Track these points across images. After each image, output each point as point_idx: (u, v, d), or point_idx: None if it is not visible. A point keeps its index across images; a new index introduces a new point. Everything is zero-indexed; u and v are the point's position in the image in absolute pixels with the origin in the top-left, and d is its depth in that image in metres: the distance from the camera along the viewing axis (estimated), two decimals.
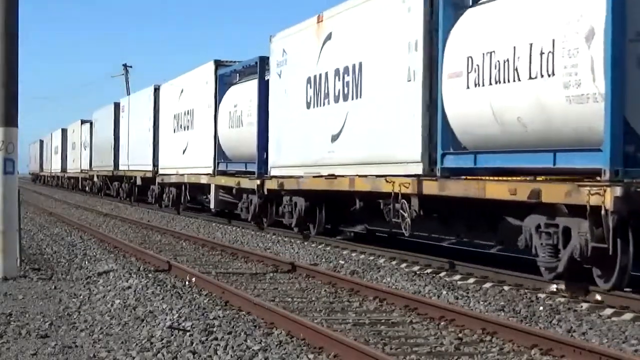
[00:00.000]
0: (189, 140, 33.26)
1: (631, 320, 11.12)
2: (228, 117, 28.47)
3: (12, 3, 15.00)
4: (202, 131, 31.23)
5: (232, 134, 28.23)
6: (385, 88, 17.77)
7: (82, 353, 9.11)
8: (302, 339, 9.64)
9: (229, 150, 29.15)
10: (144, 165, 40.84)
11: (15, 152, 15.08)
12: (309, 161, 21.54)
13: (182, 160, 34.20)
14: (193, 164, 32.26)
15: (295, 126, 22.54)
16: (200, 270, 16.09)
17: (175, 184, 35.44)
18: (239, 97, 27.90)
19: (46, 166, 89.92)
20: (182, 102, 34.36)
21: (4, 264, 14.97)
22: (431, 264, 16.92)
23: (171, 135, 36.17)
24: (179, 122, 34.88)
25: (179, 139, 34.82)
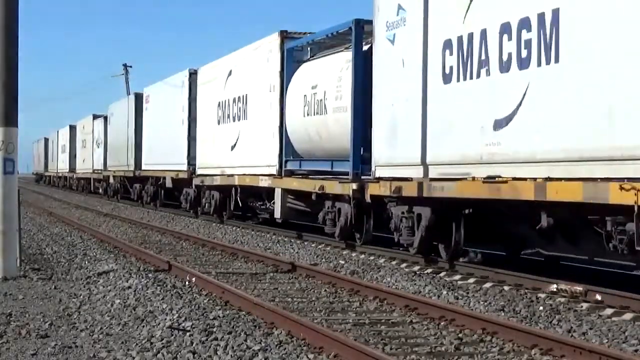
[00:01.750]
0: (240, 133, 27.28)
1: (631, 320, 11.13)
2: (302, 103, 22.26)
3: (12, 3, 14.99)
4: (260, 121, 25.46)
5: (308, 124, 22.03)
6: None
7: (82, 353, 9.11)
8: (302, 339, 9.64)
9: (304, 144, 22.84)
10: (176, 164, 34.89)
11: (15, 152, 15.08)
12: (451, 157, 15.23)
13: (230, 158, 28.22)
14: (247, 162, 26.56)
15: (421, 109, 16.19)
16: (200, 270, 16.09)
17: (220, 187, 29.29)
18: (319, 75, 21.71)
19: (51, 166, 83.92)
20: (231, 87, 28.28)
21: (4, 264, 14.98)
22: (431, 263, 16.91)
23: (214, 127, 30.07)
24: (225, 112, 28.80)
25: (225, 131, 28.72)
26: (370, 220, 19.34)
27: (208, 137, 30.93)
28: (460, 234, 15.92)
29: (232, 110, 28.09)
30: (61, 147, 74.42)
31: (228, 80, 28.66)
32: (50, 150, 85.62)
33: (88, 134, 59.75)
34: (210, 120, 30.58)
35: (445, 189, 15.23)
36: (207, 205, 30.70)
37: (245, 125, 26.90)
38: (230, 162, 28.19)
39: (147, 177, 41.08)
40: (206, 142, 31.28)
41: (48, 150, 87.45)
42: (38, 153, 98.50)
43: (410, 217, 16.80)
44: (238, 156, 27.52)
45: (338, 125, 20.35)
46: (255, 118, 26.00)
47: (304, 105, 22.19)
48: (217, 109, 29.75)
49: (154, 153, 39.18)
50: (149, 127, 40.84)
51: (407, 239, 16.91)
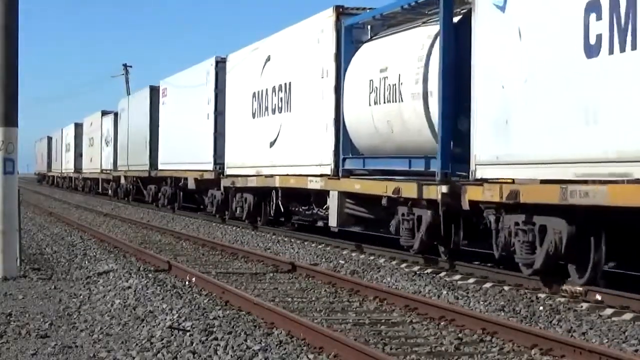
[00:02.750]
0: (282, 127, 23.51)
1: (631, 320, 11.12)
2: (367, 89, 18.47)
3: (12, 2, 14.99)
4: (308, 113, 21.74)
5: (376, 115, 18.12)
6: None
7: (82, 353, 9.11)
8: (302, 339, 9.64)
9: (368, 139, 18.95)
10: (200, 163, 31.07)
11: (15, 152, 15.08)
12: (599, 153, 11.53)
13: (268, 156, 24.40)
14: (291, 160, 22.91)
15: (551, 92, 12.47)
16: (200, 270, 16.09)
17: (255, 189, 25.68)
18: (391, 56, 17.84)
19: (55, 166, 79.75)
20: (270, 75, 24.49)
21: (4, 264, 14.97)
22: (431, 263, 16.91)
23: (247, 121, 26.29)
24: (262, 103, 24.99)
25: (262, 126, 24.94)
26: (460, 231, 15.87)
27: (240, 132, 27.15)
28: (600, 253, 12.38)
29: (272, 101, 24.27)
30: (66, 145, 70.88)
31: (266, 67, 24.86)
32: (53, 150, 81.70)
33: (96, 132, 56.33)
34: (242, 113, 26.75)
35: (591, 194, 11.45)
36: (239, 209, 27.06)
37: (288, 118, 23.15)
38: (269, 161, 24.37)
39: (164, 178, 37.52)
40: (237, 138, 27.46)
41: (51, 150, 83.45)
42: (40, 152, 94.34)
43: (529, 231, 13.18)
44: (279, 154, 23.76)
45: (416, 115, 16.51)
46: (301, 109, 22.33)
47: (369, 93, 18.28)
48: (251, 101, 25.93)
49: (173, 151, 35.50)
50: (166, 123, 37.06)
51: (526, 257, 13.29)
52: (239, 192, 27.13)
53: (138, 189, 43.60)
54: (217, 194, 29.51)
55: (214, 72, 30.01)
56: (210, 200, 30.69)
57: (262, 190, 25.26)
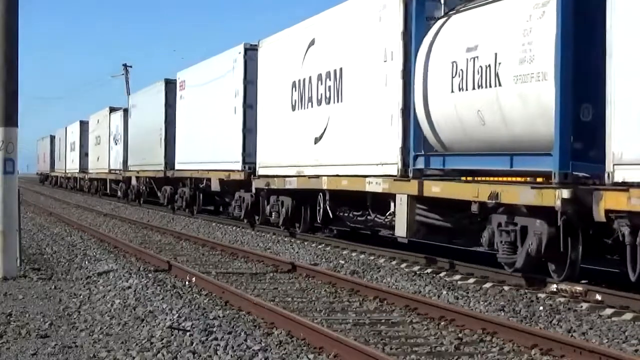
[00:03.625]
0: (330, 120, 20.51)
1: (631, 320, 11.13)
2: (449, 73, 15.23)
3: (12, 2, 14.99)
4: (366, 103, 18.60)
5: (461, 103, 14.92)
6: None
7: (82, 353, 9.11)
8: (302, 339, 9.64)
9: (448, 133, 15.66)
10: (225, 162, 28.10)
11: (15, 152, 15.08)
12: None
13: (313, 154, 21.49)
14: (342, 158, 19.81)
15: None
16: (200, 270, 16.09)
17: (295, 192, 22.69)
18: (483, 31, 14.68)
19: (59, 165, 76.32)
20: (314, 60, 21.47)
21: (4, 264, 14.97)
22: (431, 264, 16.91)
23: (286, 115, 23.27)
24: (305, 93, 21.99)
25: (305, 119, 21.95)
26: (579, 246, 12.92)
27: (275, 128, 24.13)
28: None
29: (317, 91, 21.21)
30: (70, 144, 67.58)
31: (309, 52, 21.77)
32: (57, 149, 78.34)
33: (103, 130, 52.88)
34: (278, 106, 23.78)
35: None
36: (274, 214, 24.05)
37: (338, 109, 20.02)
38: (314, 160, 21.31)
39: (181, 179, 34.54)
40: (272, 134, 24.42)
41: (54, 149, 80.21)
42: (43, 152, 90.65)
43: None
44: (327, 151, 20.69)
45: (523, 102, 13.46)
46: (356, 99, 19.13)
47: (452, 77, 15.05)
48: (290, 91, 22.86)
49: (193, 150, 32.34)
50: (185, 118, 33.86)
51: None
52: (273, 195, 24.16)
53: (151, 190, 40.67)
54: (246, 196, 26.56)
55: (243, 61, 26.92)
56: (237, 203, 27.51)
57: (303, 192, 22.16)
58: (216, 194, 30.89)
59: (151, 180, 40.19)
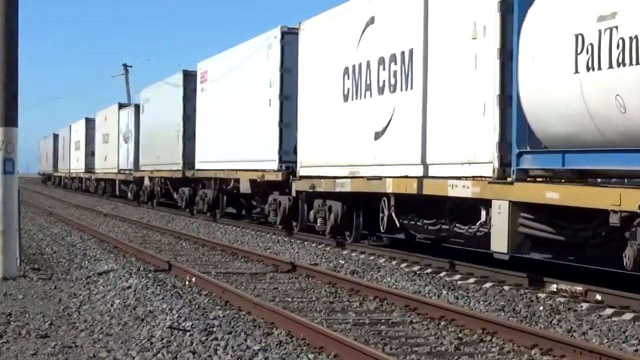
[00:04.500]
0: (396, 111, 17.26)
1: (631, 320, 11.13)
2: (571, 49, 11.97)
3: (12, 2, 14.99)
4: (448, 89, 15.45)
5: (590, 86, 11.73)
6: None
7: (82, 353, 9.11)
8: (302, 339, 9.64)
9: (569, 124, 12.26)
10: (258, 161, 25.14)
11: (15, 152, 15.08)
12: None
13: (372, 151, 18.21)
14: (413, 157, 16.49)
15: None
16: (200, 270, 16.09)
17: (348, 195, 19.76)
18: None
19: (62, 165, 73.09)
20: (374, 42, 18.20)
21: (4, 264, 14.97)
22: (431, 263, 16.91)
23: (336, 106, 19.97)
24: (361, 81, 18.75)
25: (362, 111, 18.74)
26: None
27: (322, 121, 20.92)
28: None
29: (378, 77, 17.93)
30: (75, 143, 64.66)
31: (367, 32, 18.57)
32: (60, 148, 75.01)
33: (112, 127, 49.99)
34: (326, 96, 20.56)
35: None
36: (320, 221, 21.11)
37: (407, 98, 16.80)
38: (374, 158, 18.13)
39: (203, 180, 31.74)
40: (318, 129, 21.21)
41: (58, 148, 77.21)
42: (46, 151, 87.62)
43: None
44: (392, 148, 17.51)
45: None
46: (433, 85, 16.05)
47: (577, 53, 11.89)
48: (342, 79, 19.63)
49: (217, 147, 29.17)
50: (207, 113, 30.63)
51: None
52: (318, 199, 21.25)
53: (167, 192, 37.64)
54: (283, 199, 23.63)
55: (279, 47, 23.89)
56: (272, 207, 24.37)
57: (356, 196, 19.48)
58: (241, 196, 28.54)
59: (166, 180, 37.30)
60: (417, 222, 17.24)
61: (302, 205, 22.52)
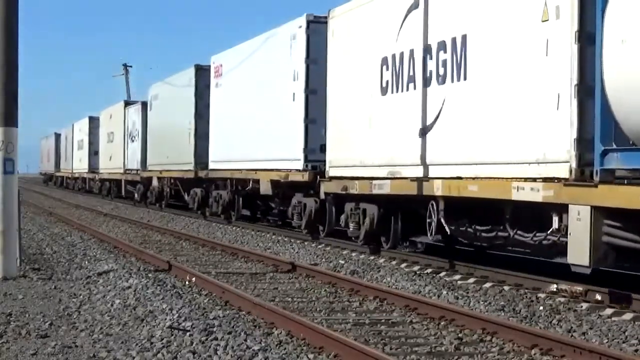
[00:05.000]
0: (446, 104, 15.42)
1: (631, 320, 11.13)
2: None
3: (12, 2, 14.99)
4: (510, 79, 13.68)
5: None
6: None
7: (82, 353, 9.11)
8: (302, 339, 9.64)
9: None
10: (280, 160, 23.57)
11: (15, 152, 15.08)
12: None
13: (417, 149, 16.28)
14: (468, 155, 14.75)
15: None
16: (200, 270, 16.09)
17: (385, 198, 17.90)
18: None
19: (65, 165, 71.42)
20: (418, 28, 16.39)
21: (4, 264, 14.97)
22: (431, 264, 16.92)
23: (373, 100, 18.07)
24: (403, 72, 16.93)
25: (404, 104, 16.84)
26: None
27: (355, 117, 18.97)
28: None
29: (424, 67, 16.14)
30: (78, 142, 62.82)
31: (409, 19, 16.77)
32: (62, 147, 73.33)
33: (117, 126, 48.15)
34: (361, 89, 18.67)
35: None
36: (353, 226, 19.17)
37: (460, 90, 14.99)
38: (419, 157, 16.25)
39: (217, 180, 30.03)
40: (350, 125, 19.24)
41: (60, 147, 75.43)
42: (47, 151, 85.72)
43: None
44: (441, 145, 15.65)
45: None
46: (492, 75, 14.19)
47: None
48: (379, 70, 17.74)
49: (234, 146, 27.46)
50: (222, 109, 28.93)
51: None
52: (349, 201, 19.50)
53: (178, 193, 35.99)
54: (309, 202, 21.91)
55: (304, 37, 22.20)
56: (296, 210, 22.65)
57: (396, 199, 17.58)
58: (258, 198, 26.76)
59: (176, 181, 35.59)
60: (468, 229, 15.45)
61: (329, 208, 20.77)
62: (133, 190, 44.14)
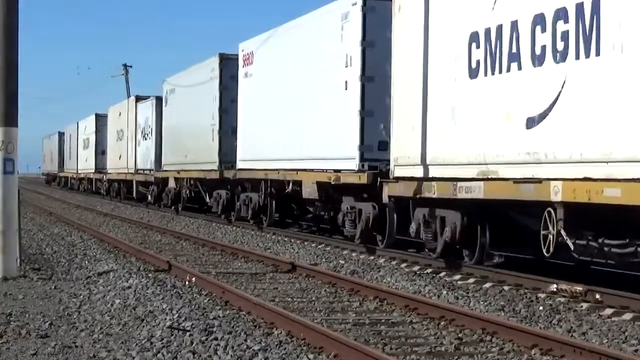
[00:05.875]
0: (567, 87, 12.26)
1: (631, 320, 11.13)
2: None
3: (12, 2, 14.99)
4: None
5: None
6: None
7: (82, 353, 9.11)
8: (302, 339, 9.64)
9: None
10: (328, 158, 20.65)
11: (15, 152, 15.09)
12: None
13: (524, 143, 13.11)
14: (602, 151, 11.56)
15: None
16: (200, 270, 16.09)
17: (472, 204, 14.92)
18: None
19: (69, 165, 68.46)
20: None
21: (4, 264, 14.97)
22: (431, 264, 16.91)
23: (456, 85, 14.94)
24: (500, 50, 13.73)
25: (504, 89, 13.64)
26: None
27: (432, 106, 15.80)
28: None
29: (532, 42, 12.91)
30: (83, 141, 60.25)
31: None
32: (66, 147, 70.32)
33: (128, 123, 45.31)
34: (439, 73, 15.58)
35: None
36: (428, 237, 16.28)
37: (588, 68, 11.83)
38: (527, 153, 13.00)
39: (246, 181, 26.81)
40: (425, 116, 16.04)
41: (64, 147, 72.47)
42: (50, 150, 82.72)
43: None
44: (560, 139, 12.36)
45: None
46: (634, 48, 11.06)
47: None
48: (467, 49, 14.62)
49: (268, 143, 24.55)
50: (254, 102, 26.10)
51: None
52: (421, 207, 16.53)
53: (197, 195, 32.93)
54: (365, 207, 19.04)
55: (360, 15, 19.11)
56: (349, 217, 19.71)
57: (487, 205, 14.68)
58: (294, 201, 24.02)
59: (197, 182, 32.54)
60: (591, 242, 12.44)
61: (391, 214, 18.03)
62: (145, 191, 41.36)
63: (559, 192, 12.19)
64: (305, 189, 21.74)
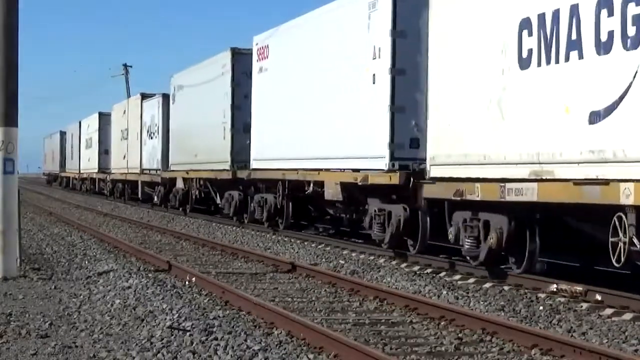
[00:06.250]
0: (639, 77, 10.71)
1: (631, 320, 11.13)
2: None
3: (12, 2, 15.00)
4: None
5: None
6: None
7: (82, 353, 9.11)
8: (302, 339, 9.64)
9: None
10: (356, 157, 19.17)
11: (15, 152, 15.09)
12: None
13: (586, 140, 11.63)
14: None
15: None
16: (200, 270, 16.10)
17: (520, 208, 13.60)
18: None
19: (71, 165, 67.07)
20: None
21: (4, 264, 14.97)
22: (431, 263, 16.92)
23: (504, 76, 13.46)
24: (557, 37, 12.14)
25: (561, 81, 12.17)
26: None
27: (475, 100, 14.34)
28: None
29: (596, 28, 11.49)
30: (85, 141, 59.07)
31: None
32: (68, 146, 68.93)
33: (132, 121, 44.14)
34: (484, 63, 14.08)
35: None
36: (469, 243, 14.82)
37: None
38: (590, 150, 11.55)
39: (261, 181, 25.71)
40: (466, 111, 14.64)
41: (65, 146, 71.26)
42: (51, 150, 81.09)
43: None
44: (629, 134, 10.96)
45: None
46: None
47: None
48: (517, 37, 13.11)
49: (285, 141, 23.30)
50: (269, 98, 24.75)
51: None
52: (462, 210, 15.13)
53: (207, 195, 31.81)
54: (395, 210, 17.69)
55: (390, 4, 17.68)
56: (377, 221, 18.27)
57: (543, 208, 13.35)
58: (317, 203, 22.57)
59: (207, 182, 31.27)
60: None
61: (423, 218, 16.89)
62: (152, 192, 39.99)
63: (631, 195, 10.79)
64: (328, 190, 20.44)
